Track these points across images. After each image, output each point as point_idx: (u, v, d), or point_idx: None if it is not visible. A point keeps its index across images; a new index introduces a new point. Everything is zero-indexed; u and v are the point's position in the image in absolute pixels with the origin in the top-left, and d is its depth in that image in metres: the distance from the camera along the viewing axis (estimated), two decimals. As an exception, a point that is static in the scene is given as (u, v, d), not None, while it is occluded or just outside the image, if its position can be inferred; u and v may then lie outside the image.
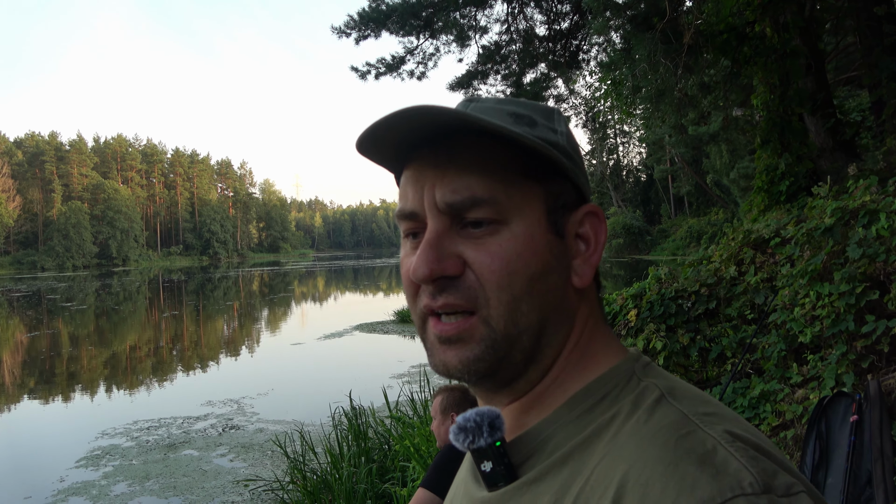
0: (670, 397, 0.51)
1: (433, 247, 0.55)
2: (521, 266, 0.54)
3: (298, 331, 18.90)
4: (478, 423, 0.54)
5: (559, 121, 0.60)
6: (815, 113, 7.27)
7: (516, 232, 0.54)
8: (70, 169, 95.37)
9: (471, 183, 0.54)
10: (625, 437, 0.49)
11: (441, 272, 0.54)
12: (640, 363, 0.57)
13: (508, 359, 0.55)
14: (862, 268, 3.41)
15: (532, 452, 0.55)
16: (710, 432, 0.46)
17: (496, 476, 0.54)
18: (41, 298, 35.07)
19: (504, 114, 0.57)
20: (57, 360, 14.55)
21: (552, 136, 0.58)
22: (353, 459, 5.46)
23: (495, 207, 0.54)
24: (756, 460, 0.44)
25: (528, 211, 0.55)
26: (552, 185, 0.57)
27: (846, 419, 3.16)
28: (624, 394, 0.53)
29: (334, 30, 11.80)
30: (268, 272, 60.46)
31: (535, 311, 0.55)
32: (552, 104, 11.70)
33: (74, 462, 7.26)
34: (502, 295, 0.54)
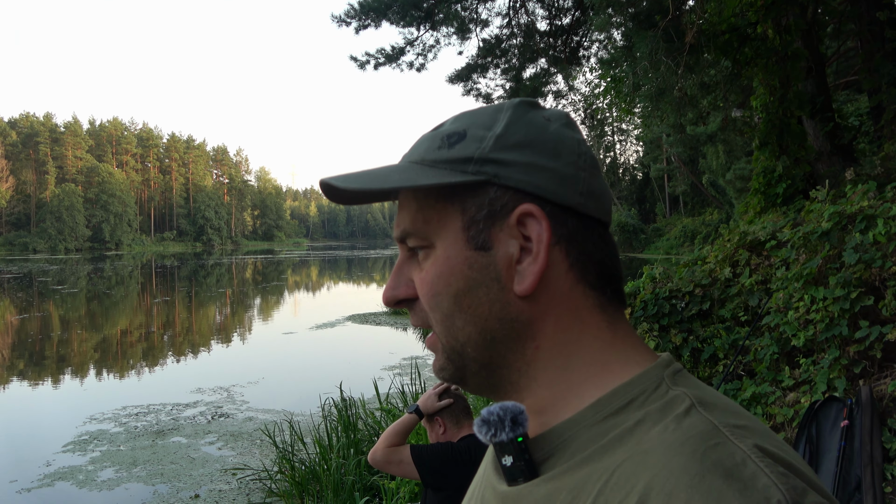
0: (701, 407, 0.49)
1: (393, 275, 0.62)
2: (443, 286, 0.57)
3: (290, 320, 18.86)
4: (500, 417, 0.54)
5: (504, 118, 0.58)
6: (814, 116, 7.26)
7: (437, 255, 0.58)
8: (64, 151, 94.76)
9: (403, 217, 0.60)
10: (650, 444, 0.47)
11: (395, 297, 0.61)
12: (670, 370, 0.55)
13: (467, 368, 0.59)
14: (857, 273, 3.40)
15: (553, 451, 0.54)
16: (741, 445, 0.45)
17: (516, 471, 0.54)
18: (32, 281, 34.89)
19: (438, 138, 0.59)
20: (46, 344, 14.48)
21: (469, 150, 0.57)
22: (341, 451, 5.44)
23: (418, 236, 0.59)
24: (786, 477, 0.42)
25: (445, 232, 0.58)
26: (470, 199, 0.57)
27: (837, 424, 3.16)
28: (651, 400, 0.52)
29: (334, 18, 11.72)
30: (261, 260, 60.32)
31: (469, 325, 0.57)
32: (551, 100, 11.65)
33: (61, 446, 7.22)
34: (435, 314, 0.58)
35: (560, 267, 0.56)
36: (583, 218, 0.57)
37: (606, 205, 0.60)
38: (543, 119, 0.59)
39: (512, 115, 0.58)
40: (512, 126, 0.58)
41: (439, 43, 12.29)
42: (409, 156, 0.61)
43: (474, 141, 0.57)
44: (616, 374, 0.55)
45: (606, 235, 0.60)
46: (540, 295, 0.56)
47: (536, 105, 0.61)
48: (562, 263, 0.56)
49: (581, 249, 0.57)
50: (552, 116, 0.60)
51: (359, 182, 0.57)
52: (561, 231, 0.56)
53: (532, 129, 0.58)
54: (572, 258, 0.57)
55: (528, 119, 0.58)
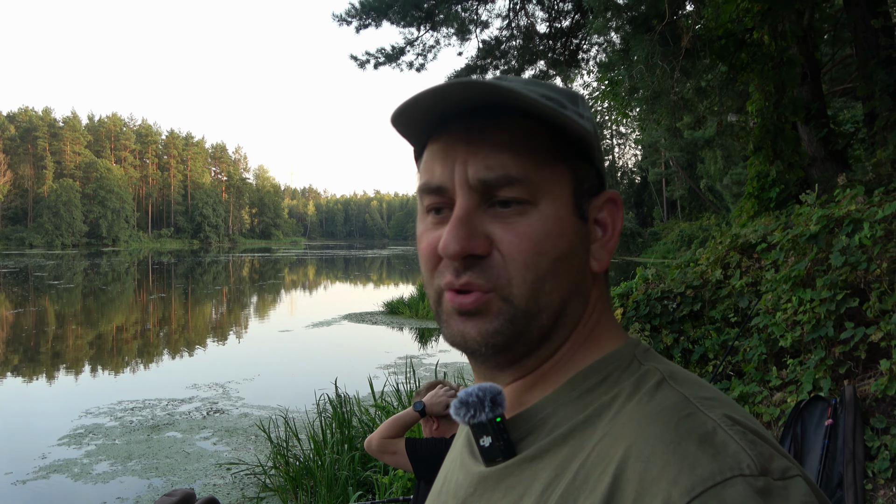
0: (671, 381, 0.52)
1: (464, 224, 0.55)
2: (549, 247, 0.55)
3: (287, 318, 18.89)
4: (480, 398, 0.55)
5: (584, 106, 0.61)
6: (808, 122, 7.33)
7: (545, 213, 0.55)
8: (63, 146, 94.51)
9: (504, 161, 0.54)
10: (626, 417, 0.50)
11: (471, 250, 0.54)
12: (640, 348, 0.58)
13: (526, 335, 0.56)
14: (843, 275, 3.47)
15: (531, 430, 0.55)
16: (711, 415, 0.47)
17: (495, 451, 0.55)
18: (28, 275, 34.84)
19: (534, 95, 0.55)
20: (42, 338, 14.49)
21: (580, 121, 0.57)
22: (336, 446, 5.49)
23: (527, 187, 0.55)
24: (754, 443, 0.45)
25: (557, 193, 0.56)
26: (579, 168, 0.58)
27: (821, 423, 3.22)
28: (625, 376, 0.54)
29: (335, 17, 11.77)
30: (258, 258, 60.27)
31: (556, 290, 0.55)
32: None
33: (57, 440, 7.25)
34: (527, 274, 0.54)
35: None
36: None
37: None
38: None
39: (587, 107, 0.62)
40: (592, 117, 0.62)
41: (439, 43, 12.35)
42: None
43: (574, 115, 0.58)
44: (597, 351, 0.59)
45: None
46: (599, 275, 0.61)
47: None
48: None
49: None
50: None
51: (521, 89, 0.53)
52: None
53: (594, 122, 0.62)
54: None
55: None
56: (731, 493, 0.41)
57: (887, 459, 2.95)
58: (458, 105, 0.55)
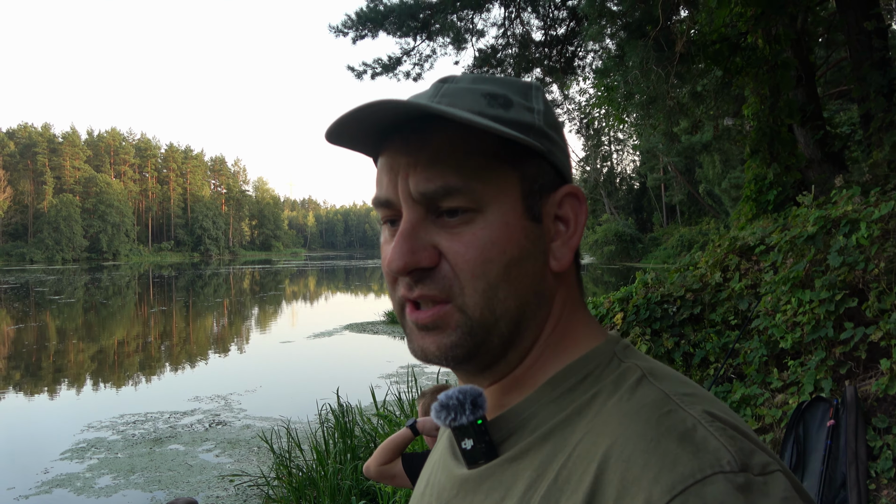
0: (651, 377, 0.52)
1: (407, 238, 0.54)
2: (497, 254, 0.53)
3: (288, 329, 18.87)
4: (460, 401, 0.54)
5: (537, 97, 0.59)
6: (804, 124, 7.37)
7: (491, 220, 0.54)
8: (62, 161, 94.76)
9: (444, 171, 0.53)
10: (607, 415, 0.49)
11: (415, 264, 0.54)
12: (620, 345, 0.57)
13: (486, 344, 0.55)
14: (842, 276, 3.48)
15: (513, 431, 0.55)
16: (691, 411, 0.47)
17: (477, 453, 0.55)
18: (29, 291, 34.82)
19: (478, 94, 0.56)
20: (43, 353, 14.47)
21: (527, 117, 0.56)
22: (338, 456, 5.47)
23: (470, 196, 0.53)
24: (734, 439, 0.45)
25: (503, 197, 0.54)
26: (528, 167, 0.56)
27: (823, 424, 3.22)
28: (605, 374, 0.54)
29: (332, 29, 11.83)
30: (259, 270, 60.27)
31: (511, 297, 0.54)
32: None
33: (59, 454, 7.24)
34: (478, 283, 0.53)
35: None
36: None
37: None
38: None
39: (544, 96, 0.60)
40: (548, 106, 0.59)
41: (435, 53, 12.41)
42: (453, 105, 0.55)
43: (524, 110, 0.57)
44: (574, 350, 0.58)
45: None
46: (565, 273, 0.59)
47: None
48: None
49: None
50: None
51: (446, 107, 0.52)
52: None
53: (554, 114, 0.60)
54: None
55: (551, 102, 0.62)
56: (712, 490, 0.41)
57: (890, 459, 2.95)
58: (392, 120, 0.55)
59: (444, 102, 0.55)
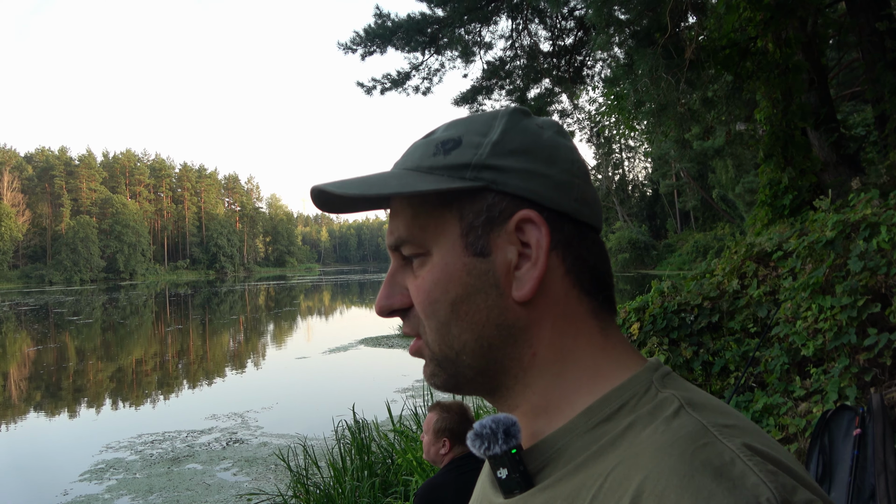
0: (689, 408, 0.50)
1: (385, 284, 0.61)
2: (440, 294, 0.56)
3: (304, 345, 18.90)
4: (493, 430, 0.54)
5: (498, 126, 0.58)
6: (818, 127, 7.29)
7: (435, 262, 0.57)
8: (79, 183, 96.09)
9: (397, 224, 0.60)
10: (641, 447, 0.48)
11: (389, 307, 0.60)
12: (658, 373, 0.56)
13: (460, 375, 0.58)
14: (863, 281, 3.41)
15: (548, 461, 0.54)
16: (729, 444, 0.45)
17: (512, 483, 0.54)
18: (48, 312, 35.23)
19: (432, 145, 0.59)
20: (63, 374, 14.59)
21: (465, 157, 0.57)
22: (355, 473, 5.45)
23: (416, 243, 0.58)
24: (775, 475, 0.43)
25: (443, 239, 0.57)
26: (468, 206, 0.57)
27: (849, 433, 3.14)
28: (641, 404, 0.52)
29: (340, 46, 11.92)
30: (274, 286, 60.55)
31: (466, 332, 0.56)
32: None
33: (78, 475, 7.27)
34: (430, 322, 0.58)
35: (556, 273, 0.57)
36: (577, 224, 0.58)
37: (598, 212, 0.61)
38: (537, 126, 0.59)
39: (507, 123, 0.59)
40: (508, 133, 0.58)
41: (444, 66, 12.46)
42: (402, 163, 0.61)
43: (470, 147, 0.57)
44: (608, 380, 0.55)
45: (599, 241, 0.60)
46: (537, 300, 0.56)
47: (529, 113, 0.61)
48: (558, 269, 0.57)
49: (577, 255, 0.57)
50: (545, 124, 0.61)
51: (355, 188, 0.57)
52: (558, 237, 0.56)
53: (528, 137, 0.58)
54: (568, 264, 0.57)
55: (524, 126, 0.59)
56: None
57: (920, 468, 2.87)
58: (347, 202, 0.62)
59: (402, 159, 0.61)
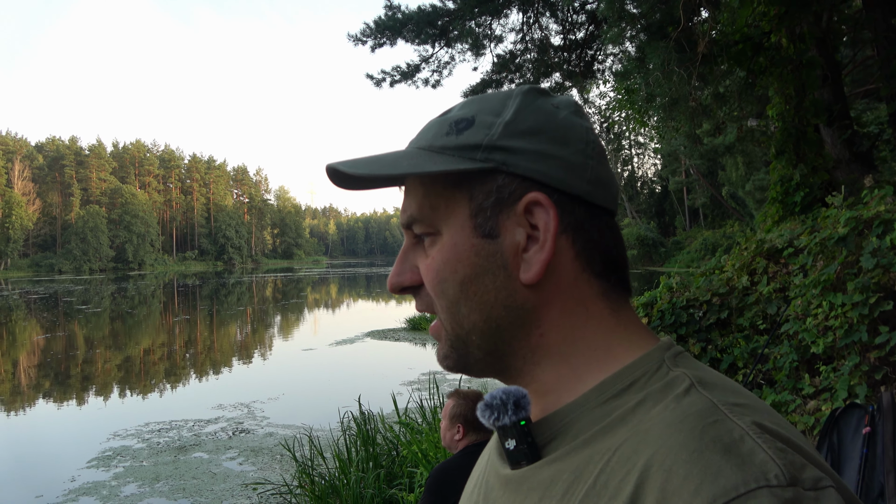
0: (700, 386, 0.50)
1: (397, 262, 0.62)
2: (449, 273, 0.57)
3: (310, 336, 18.97)
4: (503, 401, 0.55)
5: (511, 106, 0.58)
6: (831, 124, 7.21)
7: (444, 241, 0.58)
8: (89, 173, 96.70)
9: (409, 203, 0.60)
10: (650, 424, 0.48)
11: (399, 284, 0.61)
12: (670, 352, 0.55)
13: (470, 355, 0.59)
14: (875, 278, 3.37)
15: (556, 434, 0.55)
16: (738, 422, 0.45)
17: (519, 454, 0.55)
18: (58, 301, 35.50)
19: (446, 124, 0.59)
20: (71, 362, 14.70)
21: (477, 137, 0.56)
22: (361, 464, 5.46)
23: (426, 222, 0.59)
24: (784, 452, 0.43)
25: (453, 219, 0.57)
26: (478, 187, 0.57)
27: (858, 431, 3.12)
28: (652, 382, 0.52)
29: (350, 37, 11.90)
30: (281, 278, 60.76)
31: (475, 312, 0.57)
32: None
33: (86, 462, 7.32)
34: (440, 301, 0.58)
35: (566, 255, 0.56)
36: (590, 206, 0.58)
37: (613, 193, 0.60)
38: (552, 106, 0.59)
39: (521, 102, 0.58)
40: (521, 113, 0.57)
41: (454, 59, 12.42)
42: (416, 141, 0.61)
43: (483, 127, 0.57)
44: (619, 359, 0.56)
45: (612, 224, 0.60)
46: (545, 283, 0.56)
47: (545, 92, 0.60)
48: (568, 252, 0.56)
49: (587, 238, 0.57)
50: (561, 104, 0.60)
51: (367, 168, 0.57)
52: (568, 220, 0.56)
53: (541, 117, 0.58)
54: (578, 247, 0.57)
55: (537, 106, 0.58)
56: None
57: (930, 468, 2.84)
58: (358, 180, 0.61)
59: (416, 137, 0.61)
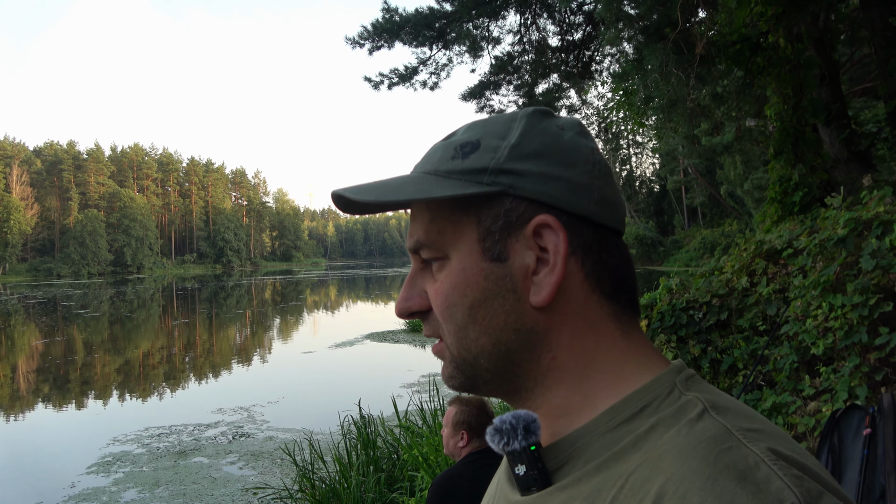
0: (714, 411, 0.49)
1: (405, 287, 0.62)
2: (458, 298, 0.57)
3: (310, 339, 18.95)
4: (513, 426, 0.54)
5: (517, 128, 0.58)
6: (829, 124, 7.21)
7: (453, 266, 0.58)
8: (87, 177, 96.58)
9: (416, 228, 0.60)
10: (664, 449, 0.47)
11: (408, 310, 0.61)
12: (682, 375, 0.55)
13: (478, 378, 0.59)
14: (875, 279, 3.37)
15: (567, 459, 0.54)
16: (753, 448, 0.44)
17: (529, 480, 0.54)
18: (56, 305, 35.44)
19: (451, 148, 0.59)
20: (70, 367, 14.67)
21: (483, 161, 0.56)
22: (361, 468, 5.45)
23: (434, 247, 0.58)
24: (800, 479, 0.42)
25: (461, 244, 0.57)
26: (485, 210, 0.57)
27: (859, 432, 3.11)
28: (664, 406, 0.52)
29: (348, 41, 11.89)
30: (280, 281, 60.71)
31: (483, 336, 0.57)
32: (564, 114, 11.79)
33: (85, 468, 7.30)
34: (448, 326, 0.58)
35: (576, 277, 0.56)
36: (597, 227, 0.57)
37: (620, 213, 0.60)
38: (557, 128, 0.59)
39: (526, 125, 0.58)
40: (526, 135, 0.57)
41: (452, 61, 12.41)
42: (421, 166, 0.61)
43: (489, 151, 0.57)
44: (630, 382, 0.55)
45: (620, 244, 0.59)
46: (556, 306, 0.56)
47: (550, 114, 0.61)
48: (577, 274, 0.56)
49: (596, 259, 0.57)
50: (566, 125, 0.60)
51: (373, 194, 0.57)
52: (576, 241, 0.56)
53: (546, 139, 0.57)
54: (588, 268, 0.56)
55: (543, 128, 0.58)
56: None
57: (931, 469, 2.83)
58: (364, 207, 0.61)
59: (422, 162, 0.61)
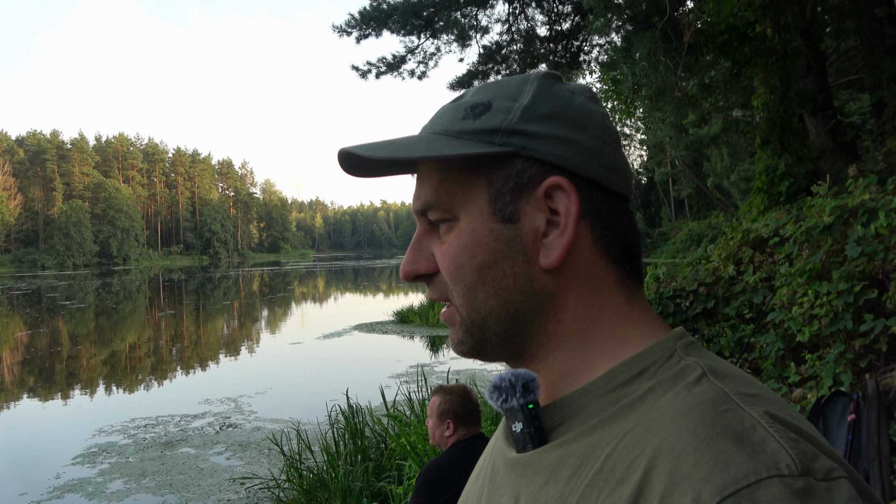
0: (712, 376, 0.49)
1: (411, 249, 0.61)
2: (467, 259, 0.57)
3: (297, 330, 18.88)
4: (512, 383, 0.54)
5: (529, 90, 0.58)
6: (815, 114, 7.25)
7: (461, 227, 0.57)
8: (71, 168, 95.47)
9: (424, 189, 0.59)
10: (659, 411, 0.47)
11: (414, 272, 0.60)
12: (683, 341, 0.55)
13: (487, 340, 0.58)
14: (860, 266, 3.39)
15: (564, 419, 0.54)
16: (751, 411, 0.44)
17: (525, 438, 0.55)
18: (41, 297, 35.07)
19: (461, 108, 0.58)
20: (55, 358, 14.54)
21: (495, 121, 0.56)
22: (349, 457, 5.44)
23: (443, 208, 0.58)
24: (796, 442, 0.42)
25: (471, 205, 0.57)
26: (496, 171, 0.56)
27: (844, 418, 3.14)
28: (663, 370, 0.52)
29: (335, 28, 11.80)
30: (268, 272, 60.45)
31: (492, 297, 0.56)
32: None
33: (71, 459, 7.24)
34: (457, 287, 0.58)
35: (585, 241, 0.56)
36: (607, 192, 0.57)
37: (628, 179, 0.60)
38: (568, 92, 0.59)
39: (538, 87, 0.58)
40: (539, 98, 0.57)
41: (440, 50, 12.36)
42: (430, 126, 0.60)
43: (500, 112, 0.57)
44: (631, 347, 0.55)
45: (628, 210, 0.59)
46: (564, 269, 0.56)
47: (560, 78, 0.60)
48: (586, 237, 0.56)
49: (605, 224, 0.57)
50: (576, 90, 0.60)
51: (385, 151, 0.56)
52: (587, 205, 0.56)
53: (559, 102, 0.57)
54: (596, 232, 0.56)
55: (555, 91, 0.58)
56: (766, 494, 0.39)
57: (914, 454, 2.87)
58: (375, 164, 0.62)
59: (430, 123, 0.60)
